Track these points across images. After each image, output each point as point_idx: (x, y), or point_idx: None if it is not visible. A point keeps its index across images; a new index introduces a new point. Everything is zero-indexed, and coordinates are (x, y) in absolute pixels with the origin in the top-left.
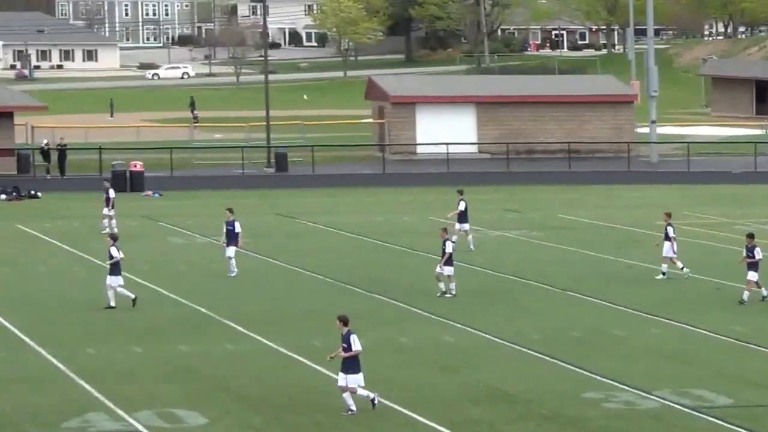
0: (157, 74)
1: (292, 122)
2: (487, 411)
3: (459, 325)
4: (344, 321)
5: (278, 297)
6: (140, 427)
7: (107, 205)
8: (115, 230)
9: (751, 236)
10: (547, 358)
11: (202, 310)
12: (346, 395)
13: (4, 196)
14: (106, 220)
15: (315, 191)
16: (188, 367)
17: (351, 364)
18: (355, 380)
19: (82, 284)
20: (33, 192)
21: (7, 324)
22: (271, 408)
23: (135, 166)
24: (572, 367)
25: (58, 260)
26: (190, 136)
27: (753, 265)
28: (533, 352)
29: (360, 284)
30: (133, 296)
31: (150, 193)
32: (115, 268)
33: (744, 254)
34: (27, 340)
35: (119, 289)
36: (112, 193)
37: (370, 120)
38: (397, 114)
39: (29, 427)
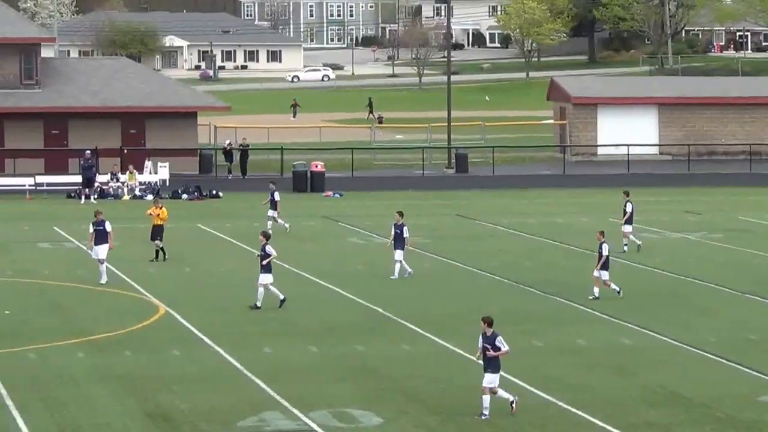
0: (297, 76)
1: (473, 123)
2: (663, 414)
3: (636, 327)
4: (489, 322)
5: (456, 298)
6: (315, 427)
7: (273, 208)
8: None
9: None
10: (723, 360)
11: (379, 310)
12: (486, 397)
13: (185, 196)
14: (270, 222)
15: (495, 192)
16: (364, 367)
17: (494, 364)
18: (493, 380)
19: None
20: (214, 192)
21: (185, 323)
22: (447, 409)
23: (316, 166)
24: (749, 371)
25: (237, 260)
26: (371, 136)
27: None
28: (710, 355)
29: (538, 286)
30: (282, 297)
31: (330, 193)
32: (268, 266)
33: None
34: (205, 339)
35: (271, 287)
36: (277, 195)
37: (552, 121)
38: (578, 115)
39: (205, 425)
